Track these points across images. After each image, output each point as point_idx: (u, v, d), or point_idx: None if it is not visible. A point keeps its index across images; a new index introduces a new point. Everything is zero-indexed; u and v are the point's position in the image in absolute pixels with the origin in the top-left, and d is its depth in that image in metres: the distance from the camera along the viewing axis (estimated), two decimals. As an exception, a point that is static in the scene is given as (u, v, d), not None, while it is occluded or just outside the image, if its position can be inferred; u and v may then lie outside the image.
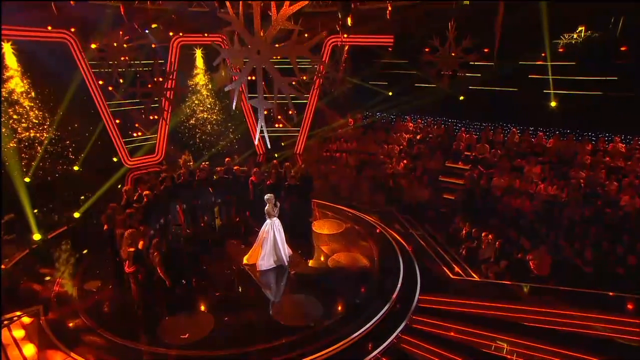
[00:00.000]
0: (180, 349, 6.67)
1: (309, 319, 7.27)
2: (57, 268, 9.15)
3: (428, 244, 10.27)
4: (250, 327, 7.18)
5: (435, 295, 8.13)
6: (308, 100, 15.96)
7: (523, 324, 7.41)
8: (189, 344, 6.77)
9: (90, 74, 14.06)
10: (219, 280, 8.57)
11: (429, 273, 8.92)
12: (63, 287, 8.47)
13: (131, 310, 7.52)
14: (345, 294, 7.97)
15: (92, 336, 7.06)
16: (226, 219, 11.05)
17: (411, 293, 8.13)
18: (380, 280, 8.48)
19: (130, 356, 6.58)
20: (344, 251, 9.58)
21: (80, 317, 7.50)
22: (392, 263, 9.11)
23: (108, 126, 14.89)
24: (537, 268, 8.98)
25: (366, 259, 9.22)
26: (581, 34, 11.24)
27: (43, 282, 8.62)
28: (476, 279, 8.87)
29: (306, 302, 7.76)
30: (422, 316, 7.59)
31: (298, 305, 7.71)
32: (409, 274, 8.74)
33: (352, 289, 8.15)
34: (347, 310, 7.54)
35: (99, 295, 8.15)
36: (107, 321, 7.39)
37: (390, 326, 7.26)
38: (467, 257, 9.71)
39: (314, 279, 8.58)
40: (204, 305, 7.79)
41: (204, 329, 7.08)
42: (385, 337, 7.02)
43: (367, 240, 10.08)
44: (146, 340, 6.92)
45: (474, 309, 7.79)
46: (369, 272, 8.78)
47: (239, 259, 9.19)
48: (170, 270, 7.56)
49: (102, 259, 8.83)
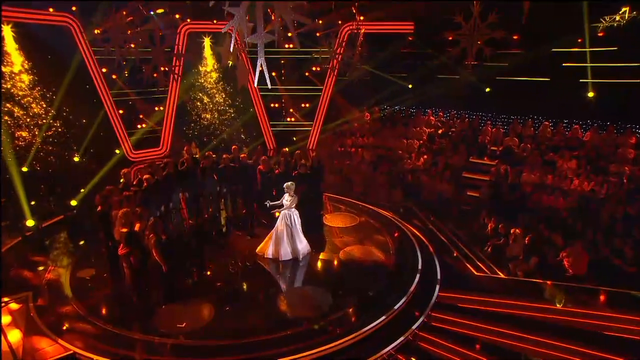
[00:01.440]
0: (176, 338, 6.55)
1: (316, 310, 7.12)
2: (50, 256, 9.22)
3: (450, 240, 10.06)
4: (253, 317, 7.07)
5: (457, 292, 7.92)
6: (323, 90, 15.84)
7: (554, 324, 7.09)
8: (185, 333, 6.67)
9: (93, 60, 14.25)
10: (222, 270, 8.52)
11: (450, 269, 8.76)
12: (55, 274, 8.50)
13: (124, 297, 7.47)
14: (357, 287, 7.85)
15: (82, 323, 7.03)
16: (232, 210, 11.00)
17: (430, 288, 7.95)
18: (395, 273, 8.33)
19: (122, 344, 6.49)
20: (357, 244, 9.47)
21: (71, 304, 7.49)
22: (410, 257, 8.97)
23: (111, 116, 15.01)
24: (572, 266, 8.60)
25: (381, 253, 9.09)
26: (624, 16, 10.80)
27: (34, 270, 8.66)
28: (502, 277, 8.59)
29: (314, 294, 7.64)
30: (442, 313, 7.39)
31: (305, 297, 7.61)
32: (428, 270, 8.57)
33: (365, 281, 8.02)
34: (358, 303, 7.37)
35: (91, 283, 8.16)
36: (98, 308, 7.37)
37: (406, 322, 7.06)
38: (493, 254, 9.43)
39: (323, 271, 8.51)
40: (204, 295, 7.69)
41: (203, 319, 6.99)
42: (401, 332, 6.81)
43: (383, 234, 9.95)
44: (140, 328, 6.82)
45: (500, 307, 7.53)
46: (383, 265, 8.64)
47: (244, 250, 9.16)
48: (169, 258, 7.45)
49: (97, 248, 8.85)
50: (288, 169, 10.61)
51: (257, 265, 8.73)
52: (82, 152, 14.22)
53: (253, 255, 9.02)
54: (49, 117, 13.05)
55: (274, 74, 16.76)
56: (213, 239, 9.96)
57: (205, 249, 9.16)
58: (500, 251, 9.43)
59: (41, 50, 12.93)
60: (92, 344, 6.51)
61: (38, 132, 12.89)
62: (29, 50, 12.87)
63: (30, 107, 12.97)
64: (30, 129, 12.87)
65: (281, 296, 7.65)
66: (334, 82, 15.65)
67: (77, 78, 13.71)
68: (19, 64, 12.68)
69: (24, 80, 12.84)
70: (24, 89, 12.83)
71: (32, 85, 12.89)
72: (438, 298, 7.72)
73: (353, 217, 11.00)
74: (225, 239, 10.05)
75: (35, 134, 12.88)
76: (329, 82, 15.73)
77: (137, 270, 7.33)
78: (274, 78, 16.82)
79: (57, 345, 6.53)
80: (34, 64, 12.91)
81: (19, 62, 12.73)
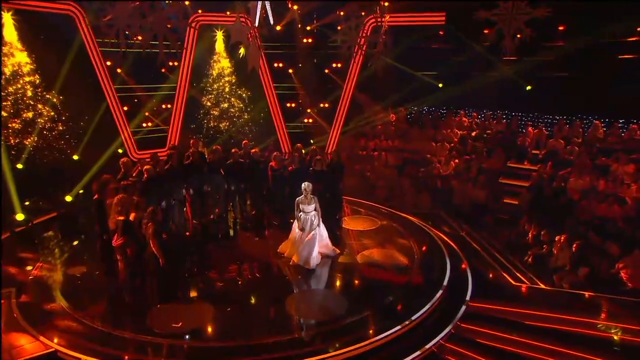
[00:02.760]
0: (170, 339, 6.43)
1: (328, 315, 6.97)
2: (40, 253, 9.27)
3: (483, 248, 9.82)
4: (258, 319, 7.01)
5: (491, 302, 7.63)
6: (344, 87, 15.82)
7: (606, 341, 6.72)
8: (180, 334, 6.56)
9: (97, 53, 14.56)
10: (225, 270, 8.48)
11: (483, 277, 8.56)
12: (42, 271, 8.53)
13: (117, 294, 7.50)
14: (375, 292, 7.74)
15: (67, 321, 6.98)
16: (240, 211, 11.00)
17: (460, 296, 7.72)
18: (420, 278, 8.17)
19: (111, 343, 6.40)
20: (378, 247, 9.33)
21: (57, 302, 7.46)
22: (437, 262, 8.79)
23: (115, 113, 15.23)
24: (631, 279, 8.15)
25: (404, 257, 8.94)
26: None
27: (21, 266, 8.69)
28: (545, 288, 8.27)
29: (327, 297, 7.54)
30: (473, 324, 7.12)
31: (317, 300, 7.52)
32: (458, 276, 8.37)
33: (385, 286, 7.92)
34: (376, 309, 7.17)
35: (82, 280, 8.18)
36: (87, 306, 7.31)
37: (430, 331, 6.84)
38: (534, 265, 9.13)
39: (338, 274, 8.38)
40: (204, 294, 7.66)
41: (201, 319, 6.91)
42: (424, 342, 6.58)
43: (407, 238, 9.81)
44: (131, 326, 6.74)
45: (541, 321, 7.17)
46: (406, 270, 8.49)
47: (252, 251, 9.20)
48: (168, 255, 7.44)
49: (91, 246, 8.90)
50: (302, 166, 10.52)
51: (265, 266, 8.71)
52: (81, 151, 14.42)
53: (261, 256, 8.99)
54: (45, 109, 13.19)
55: (290, 71, 16.90)
56: (218, 239, 9.96)
57: (208, 249, 9.15)
58: (543, 261, 9.10)
59: (43, 38, 13.28)
60: (77, 342, 6.42)
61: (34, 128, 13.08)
62: (30, 39, 13.22)
63: (26, 99, 13.21)
64: (26, 123, 13.09)
65: (290, 299, 7.49)
66: (356, 77, 15.58)
67: (78, 70, 13.98)
68: (19, 54, 13.00)
69: (23, 72, 13.12)
70: (24, 82, 13.09)
71: (31, 76, 13.15)
72: (468, 308, 7.45)
73: (374, 220, 10.88)
74: (231, 240, 10.06)
75: (29, 130, 13.06)
76: (351, 78, 15.68)
77: (132, 264, 7.32)
78: (291, 75, 16.95)
79: (38, 342, 6.47)
80: (34, 53, 13.19)
81: (19, 53, 13.03)
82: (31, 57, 13.06)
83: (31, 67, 13.09)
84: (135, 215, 7.44)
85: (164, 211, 9.56)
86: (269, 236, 10.16)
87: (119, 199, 7.26)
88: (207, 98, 16.32)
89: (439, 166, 13.73)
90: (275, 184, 10.56)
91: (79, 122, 14.05)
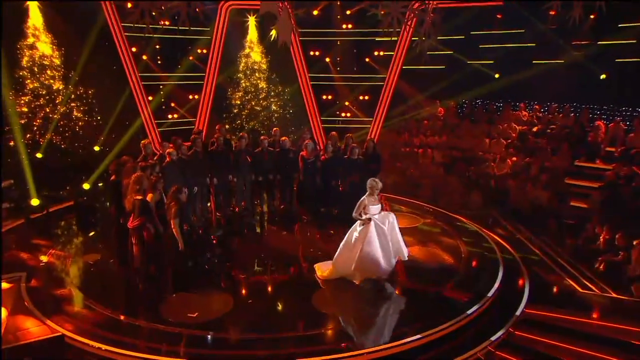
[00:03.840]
0: (185, 328, 6.49)
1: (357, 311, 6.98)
2: (54, 240, 9.64)
3: (544, 252, 9.57)
4: (281, 313, 7.14)
5: (553, 310, 7.33)
6: (387, 76, 15.72)
7: None
8: (195, 324, 6.58)
9: (123, 39, 15.04)
10: (249, 263, 8.57)
11: (543, 283, 8.31)
12: (55, 257, 8.83)
13: (131, 280, 7.71)
14: (413, 290, 7.74)
15: (77, 307, 7.20)
16: (268, 204, 11.18)
17: (514, 301, 7.48)
18: (466, 278, 8.03)
19: (122, 330, 6.52)
20: (419, 245, 9.25)
21: (67, 287, 7.71)
22: (488, 264, 8.60)
23: (139, 103, 15.66)
24: None
25: (449, 256, 8.87)
26: None
27: (33, 252, 9.04)
28: (618, 297, 7.87)
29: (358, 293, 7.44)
30: (528, 331, 6.85)
31: (347, 296, 7.43)
32: (512, 280, 8.18)
33: (425, 284, 7.88)
34: (413, 308, 7.15)
35: (95, 267, 8.44)
36: (98, 292, 7.48)
37: (477, 336, 6.62)
38: (607, 272, 8.69)
39: None
40: (224, 285, 7.76)
41: (219, 310, 6.95)
42: (468, 347, 6.37)
43: (453, 237, 9.73)
44: (144, 314, 6.86)
45: (612, 332, 6.78)
46: (451, 269, 8.39)
47: (277, 246, 9.29)
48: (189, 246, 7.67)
49: (107, 234, 9.23)
50: (336, 155, 10.48)
51: (292, 261, 8.74)
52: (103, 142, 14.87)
53: (288, 250, 9.08)
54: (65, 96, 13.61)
55: (327, 60, 16.95)
56: (243, 233, 10.12)
57: (231, 241, 9.31)
58: (617, 268, 8.63)
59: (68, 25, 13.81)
60: (85, 327, 6.55)
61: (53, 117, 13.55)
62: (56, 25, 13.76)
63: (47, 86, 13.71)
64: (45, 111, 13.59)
65: (318, 293, 7.49)
66: (401, 64, 15.47)
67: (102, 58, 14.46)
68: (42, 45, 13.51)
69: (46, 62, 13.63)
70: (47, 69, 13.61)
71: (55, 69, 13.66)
72: (524, 314, 7.20)
73: (416, 218, 10.85)
74: (257, 234, 10.21)
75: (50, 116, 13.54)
76: (395, 65, 15.57)
77: (149, 247, 7.40)
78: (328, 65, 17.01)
79: (45, 326, 6.61)
80: (58, 39, 13.72)
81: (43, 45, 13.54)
82: (56, 45, 13.57)
83: (55, 57, 13.57)
84: (152, 196, 7.54)
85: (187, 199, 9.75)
86: (298, 231, 10.20)
87: (136, 177, 7.37)
88: (236, 87, 16.49)
89: (493, 165, 13.46)
90: (307, 175, 10.55)
91: (101, 113, 14.51)
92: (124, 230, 7.92)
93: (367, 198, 7.51)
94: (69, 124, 13.79)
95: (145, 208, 7.31)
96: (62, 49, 13.52)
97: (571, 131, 13.69)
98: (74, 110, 13.65)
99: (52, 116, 13.23)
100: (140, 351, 6.00)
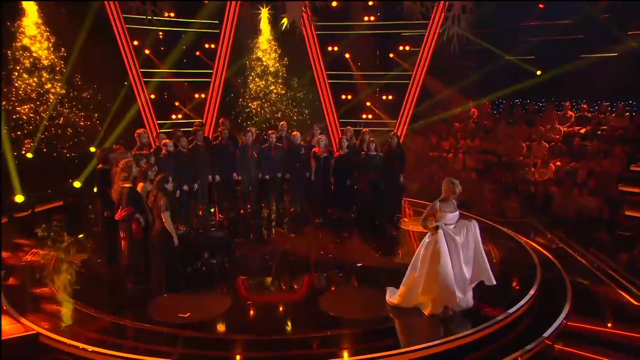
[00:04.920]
0: (173, 328, 6.44)
1: (369, 314, 6.87)
2: (38, 240, 9.85)
3: (591, 263, 9.39)
4: (283, 314, 7.16)
5: (599, 322, 7.14)
6: (414, 73, 15.69)
7: None
8: (185, 324, 6.52)
9: (124, 30, 15.32)
10: (251, 265, 8.76)
11: (589, 293, 8.13)
12: (37, 256, 8.97)
13: (118, 277, 7.87)
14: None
15: (56, 305, 7.21)
16: (276, 206, 11.28)
17: (554, 311, 7.27)
18: (497, 285, 7.57)
19: (104, 330, 6.53)
20: None
21: (48, 286, 7.74)
22: (523, 270, 8.46)
23: (140, 101, 15.85)
24: None
25: None
26: None
27: (14, 251, 9.21)
28: None
29: (369, 296, 7.46)
30: (570, 345, 6.61)
31: (359, 299, 7.51)
32: (553, 288, 7.99)
33: None
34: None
35: (79, 266, 8.58)
36: (81, 291, 7.58)
37: (506, 347, 6.38)
38: None
39: (390, 274, 8.15)
40: (222, 286, 7.83)
41: (215, 310, 6.95)
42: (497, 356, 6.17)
43: (485, 243, 9.30)
44: (129, 313, 6.84)
45: None
46: None
47: (284, 248, 9.40)
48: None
49: (96, 235, 9.47)
50: (352, 152, 10.44)
51: (300, 264, 8.81)
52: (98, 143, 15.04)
53: (296, 253, 9.17)
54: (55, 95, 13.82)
55: (347, 56, 17.01)
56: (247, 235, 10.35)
57: (232, 243, 9.36)
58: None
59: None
60: (63, 326, 6.59)
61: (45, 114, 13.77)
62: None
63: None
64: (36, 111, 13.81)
65: (327, 295, 7.51)
66: (429, 59, 15.42)
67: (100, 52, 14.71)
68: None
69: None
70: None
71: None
72: (566, 327, 6.98)
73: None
74: (261, 235, 10.32)
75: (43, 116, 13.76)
76: (423, 60, 15.53)
77: (138, 242, 7.40)
78: (348, 61, 17.07)
79: (19, 324, 6.63)
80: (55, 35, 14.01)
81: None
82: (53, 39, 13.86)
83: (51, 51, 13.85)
84: (143, 185, 7.53)
85: (184, 201, 9.76)
86: (307, 233, 10.26)
87: (125, 162, 7.38)
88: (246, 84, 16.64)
89: (533, 170, 13.36)
90: (319, 174, 10.50)
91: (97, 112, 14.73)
92: (112, 223, 7.95)
93: (439, 203, 6.57)
94: (62, 123, 14.09)
95: (133, 197, 7.31)
96: (57, 41, 13.85)
97: (625, 132, 13.48)
98: (65, 106, 13.84)
99: (43, 115, 13.51)
100: (122, 351, 5.92)
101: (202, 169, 10.24)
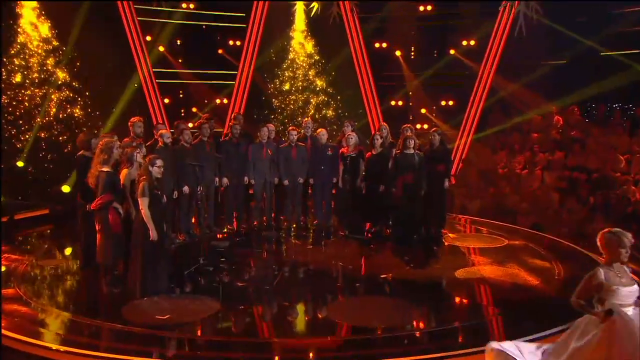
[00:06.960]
0: (148, 328, 6.73)
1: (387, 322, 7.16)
2: (14, 246, 10.39)
3: None
4: (281, 319, 7.50)
5: None
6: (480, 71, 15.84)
7: None
8: (164, 326, 6.82)
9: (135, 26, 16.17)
10: (254, 274, 9.20)
11: None
12: (8, 261, 9.42)
13: (93, 277, 8.23)
14: (478, 305, 8.14)
15: (20, 306, 7.54)
16: (294, 217, 11.48)
17: None
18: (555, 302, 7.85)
19: (70, 329, 6.95)
20: (494, 265, 9.51)
21: (14, 287, 8.15)
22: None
23: (150, 105, 16.61)
24: None
25: (535, 277, 8.91)
26: None
27: None
28: None
29: (391, 305, 7.79)
30: None
31: (375, 307, 7.73)
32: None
33: (494, 303, 8.13)
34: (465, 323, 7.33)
35: (54, 270, 9.08)
36: (50, 292, 8.14)
37: None
38: None
39: (424, 286, 8.59)
40: (212, 291, 7.97)
41: (197, 314, 7.22)
42: None
43: (548, 260, 9.76)
44: (104, 315, 7.25)
45: None
46: (535, 290, 8.45)
47: (296, 258, 9.82)
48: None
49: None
50: (386, 152, 10.55)
51: (313, 272, 9.14)
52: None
53: (310, 262, 9.55)
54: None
55: (398, 54, 17.31)
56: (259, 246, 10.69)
57: (237, 251, 9.79)
58: None
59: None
60: (24, 325, 6.91)
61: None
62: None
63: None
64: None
65: (336, 302, 7.96)
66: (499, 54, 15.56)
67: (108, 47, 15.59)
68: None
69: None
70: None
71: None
72: None
73: (497, 239, 11.08)
74: (273, 245, 10.78)
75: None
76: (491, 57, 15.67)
77: (115, 237, 7.67)
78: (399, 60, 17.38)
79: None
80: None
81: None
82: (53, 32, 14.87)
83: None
84: (127, 171, 7.79)
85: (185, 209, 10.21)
86: (329, 245, 10.59)
87: (105, 142, 7.72)
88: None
89: (634, 188, 13.26)
90: (346, 177, 10.60)
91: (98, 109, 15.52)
92: (90, 219, 8.23)
93: (604, 269, 4.84)
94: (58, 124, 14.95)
95: (111, 183, 7.58)
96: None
97: None
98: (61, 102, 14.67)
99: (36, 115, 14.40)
100: (83, 348, 6.20)
101: (206, 169, 10.31)
